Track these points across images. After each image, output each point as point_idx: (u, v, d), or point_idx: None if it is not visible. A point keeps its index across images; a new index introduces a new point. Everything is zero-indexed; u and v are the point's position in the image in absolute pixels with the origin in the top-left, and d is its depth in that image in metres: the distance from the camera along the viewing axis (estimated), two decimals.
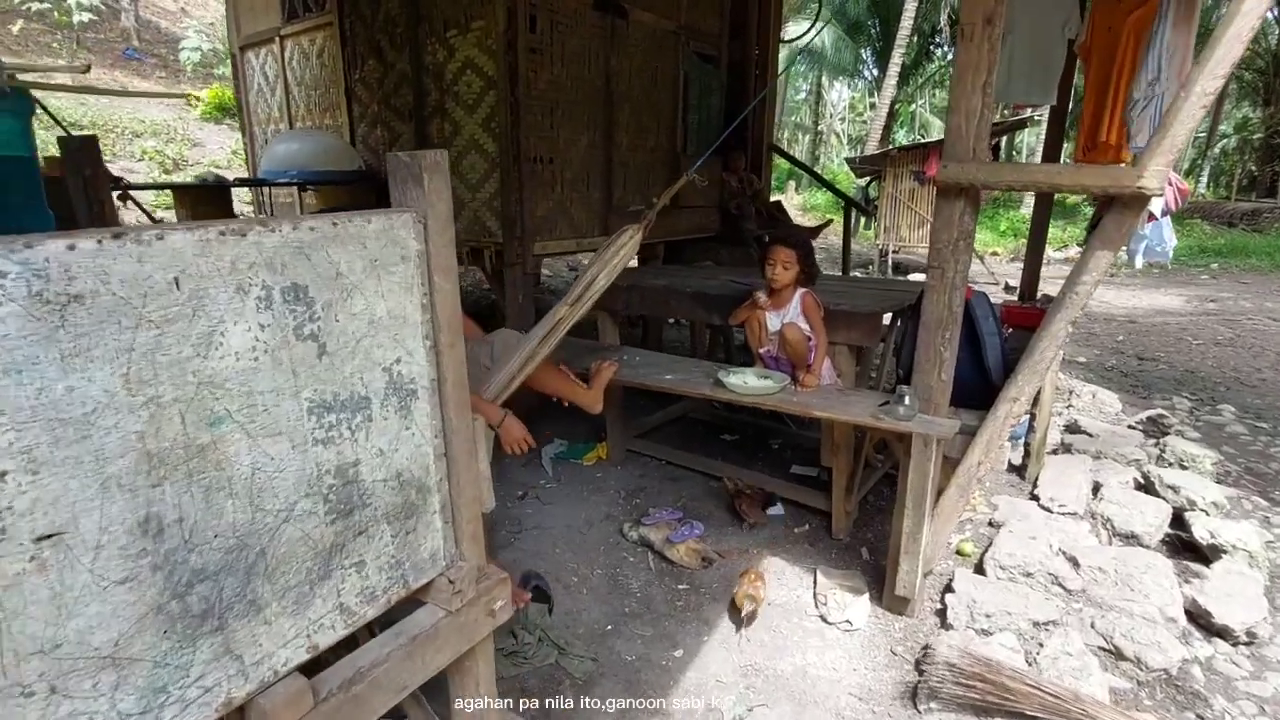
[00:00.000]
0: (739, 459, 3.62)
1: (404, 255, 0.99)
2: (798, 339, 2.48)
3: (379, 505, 1.02)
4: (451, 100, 3.41)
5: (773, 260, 2.60)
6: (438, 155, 1.05)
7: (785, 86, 24.71)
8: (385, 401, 1.00)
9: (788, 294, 2.64)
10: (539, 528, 2.94)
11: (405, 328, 1.01)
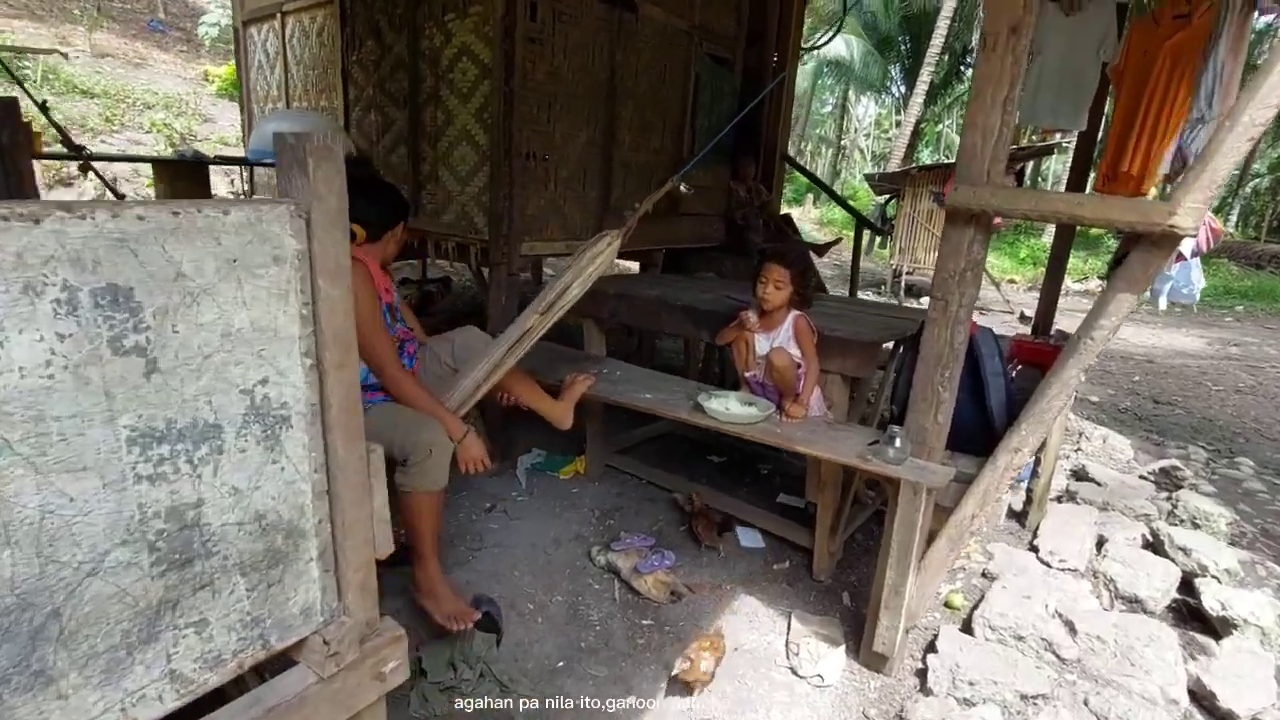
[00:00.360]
0: (724, 483, 3.44)
1: (277, 255, 0.82)
2: (785, 366, 2.29)
3: (231, 553, 0.85)
4: (446, 88, 3.25)
5: (764, 278, 2.42)
6: (329, 139, 0.89)
7: (811, 99, 24.49)
8: (244, 430, 0.83)
9: (780, 315, 2.46)
10: (501, 545, 2.76)
11: (276, 342, 0.84)
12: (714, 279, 4.13)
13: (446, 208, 3.42)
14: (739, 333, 2.48)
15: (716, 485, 3.32)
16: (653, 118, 3.97)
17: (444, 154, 3.34)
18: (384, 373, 2.04)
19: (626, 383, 2.74)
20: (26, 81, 7.45)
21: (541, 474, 3.45)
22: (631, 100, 3.76)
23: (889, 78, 20.17)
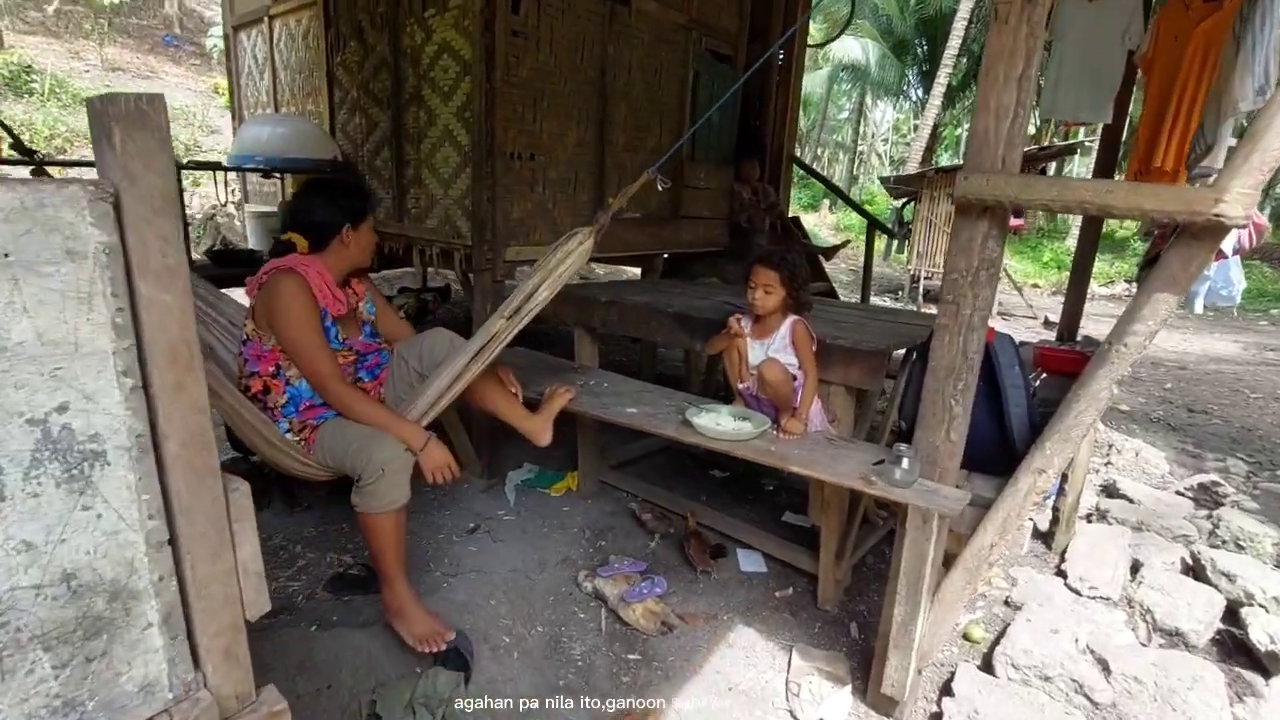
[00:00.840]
0: (725, 500, 3.23)
1: (72, 250, 0.65)
2: (778, 380, 2.09)
3: (26, 624, 0.67)
4: (428, 87, 3.10)
5: (753, 282, 2.22)
6: (150, 101, 0.71)
7: (826, 104, 24.25)
8: (35, 470, 0.66)
9: (774, 321, 2.25)
10: (480, 570, 2.57)
11: (78, 360, 0.66)
12: (716, 284, 3.94)
13: (430, 212, 3.27)
14: (729, 340, 2.28)
15: (717, 503, 3.11)
16: (648, 117, 3.79)
17: (427, 156, 3.19)
18: (326, 391, 1.89)
19: (613, 395, 2.55)
20: (33, 94, 7.51)
21: (532, 491, 3.27)
22: (625, 99, 3.59)
23: (906, 81, 19.86)
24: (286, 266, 1.87)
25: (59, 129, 6.95)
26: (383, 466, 1.78)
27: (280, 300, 1.82)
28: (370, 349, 2.13)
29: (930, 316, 3.06)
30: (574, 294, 3.07)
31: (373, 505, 1.83)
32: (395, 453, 1.82)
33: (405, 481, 1.86)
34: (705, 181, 4.33)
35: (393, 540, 1.90)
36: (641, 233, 3.87)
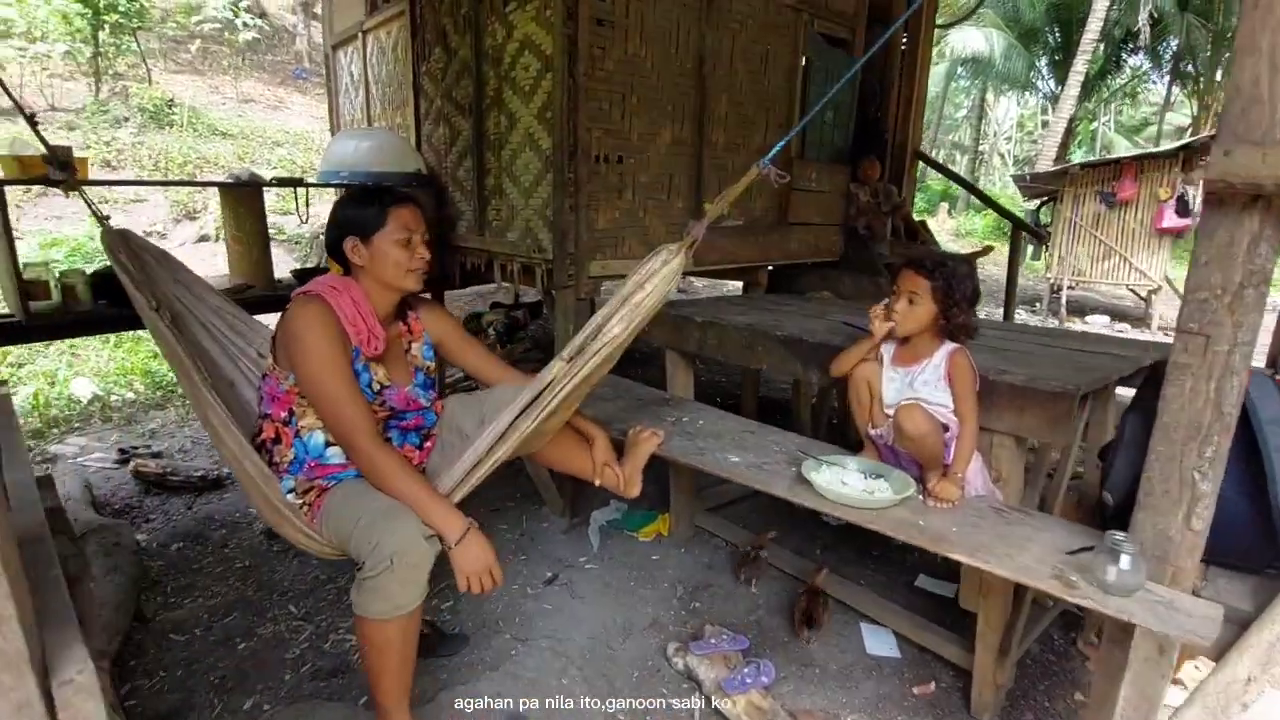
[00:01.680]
0: (846, 554, 2.71)
1: None
2: (921, 432, 1.59)
3: None
4: (509, 88, 2.84)
5: (897, 289, 1.74)
6: None
7: (943, 103, 22.68)
8: None
9: (924, 346, 1.75)
10: (554, 637, 2.22)
11: None
12: (830, 301, 3.43)
13: (511, 224, 3.00)
14: (861, 358, 1.80)
15: (835, 558, 2.61)
16: (753, 111, 3.36)
17: (507, 163, 2.93)
18: (353, 448, 1.50)
19: (711, 438, 2.13)
20: (173, 125, 8.12)
21: (618, 534, 2.89)
22: (726, 91, 3.18)
23: (1034, 72, 18.12)
24: (313, 292, 1.53)
25: (191, 156, 7.46)
26: (392, 556, 1.34)
27: (298, 331, 1.48)
28: (413, 406, 1.72)
29: (1133, 345, 2.42)
30: (665, 313, 2.68)
31: (371, 607, 1.38)
32: (412, 541, 1.37)
33: (420, 580, 1.39)
34: (817, 183, 3.83)
35: (394, 658, 1.44)
36: (744, 242, 3.43)
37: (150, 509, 3.07)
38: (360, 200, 1.61)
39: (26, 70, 7.86)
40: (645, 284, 1.51)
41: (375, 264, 1.58)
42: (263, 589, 2.47)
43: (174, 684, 1.99)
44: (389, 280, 1.60)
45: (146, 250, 2.08)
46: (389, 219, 1.57)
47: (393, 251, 1.57)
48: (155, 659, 2.10)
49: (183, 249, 6.20)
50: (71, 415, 3.92)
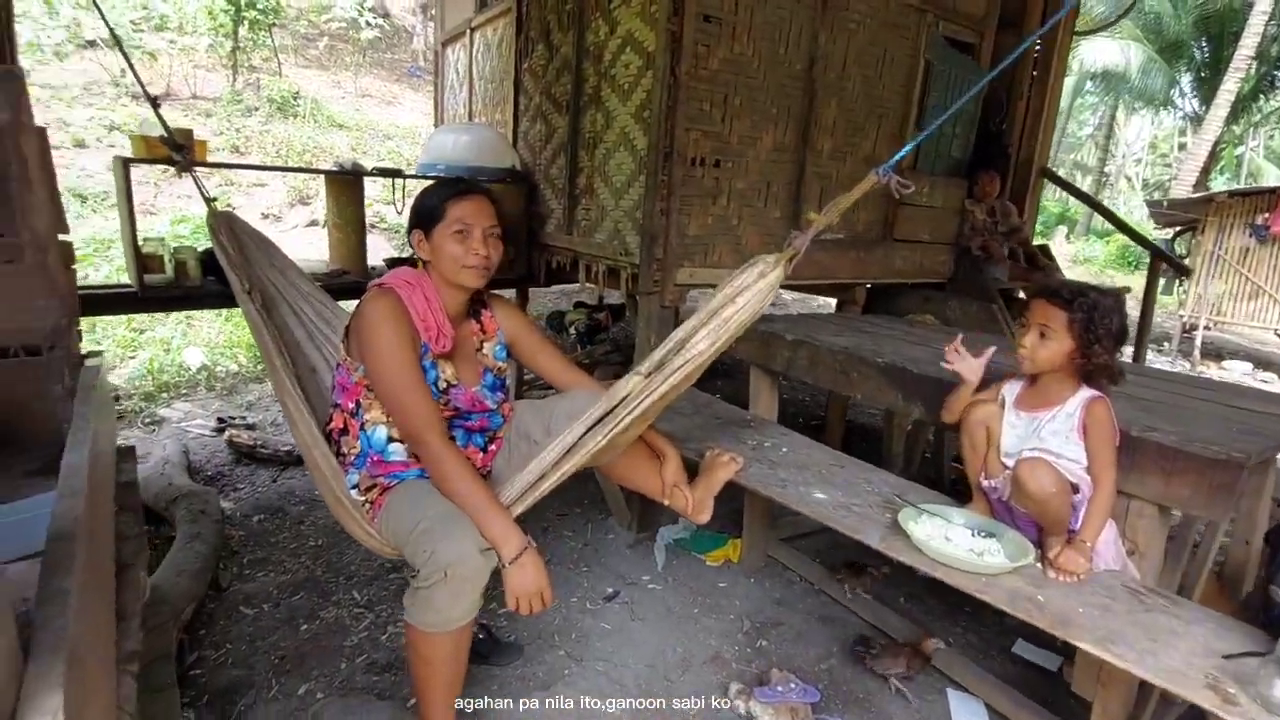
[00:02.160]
0: (933, 606, 2.46)
1: None
2: (1045, 493, 1.36)
3: None
4: (608, 86, 2.77)
5: (1026, 320, 1.52)
6: None
7: (1067, 118, 21.16)
8: None
9: (1055, 389, 1.52)
10: (609, 661, 2.11)
11: None
12: (935, 327, 3.15)
13: (600, 225, 2.92)
14: (978, 402, 1.59)
15: (921, 610, 2.38)
16: (864, 118, 3.14)
17: (600, 163, 2.85)
18: (419, 442, 1.45)
19: (794, 468, 1.96)
20: (297, 117, 8.64)
21: (685, 553, 2.76)
22: (837, 96, 2.98)
23: (1175, 90, 16.56)
24: (388, 284, 1.51)
25: (309, 145, 7.91)
26: (445, 568, 1.29)
27: (369, 324, 1.45)
28: (479, 407, 1.66)
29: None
30: (754, 327, 2.52)
31: (421, 617, 1.34)
32: (468, 554, 1.30)
33: (473, 595, 1.33)
34: (928, 197, 3.55)
35: (443, 671, 1.39)
36: (843, 257, 3.21)
37: (239, 478, 3.20)
38: (429, 193, 1.58)
39: (175, 61, 8.58)
40: (737, 298, 1.38)
41: (435, 258, 1.54)
42: (331, 570, 2.49)
43: (237, 659, 2.02)
44: (446, 275, 1.54)
45: (247, 233, 2.14)
46: (447, 211, 1.51)
47: (447, 245, 1.51)
48: (224, 630, 2.14)
49: (294, 231, 6.55)
50: (181, 381, 4.18)
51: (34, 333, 1.37)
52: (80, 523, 0.74)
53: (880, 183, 1.25)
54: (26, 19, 7.44)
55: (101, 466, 1.00)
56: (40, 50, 7.40)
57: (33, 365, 1.40)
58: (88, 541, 0.76)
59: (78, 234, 5.61)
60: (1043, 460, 1.42)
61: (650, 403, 1.40)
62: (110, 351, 4.37)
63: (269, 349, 1.75)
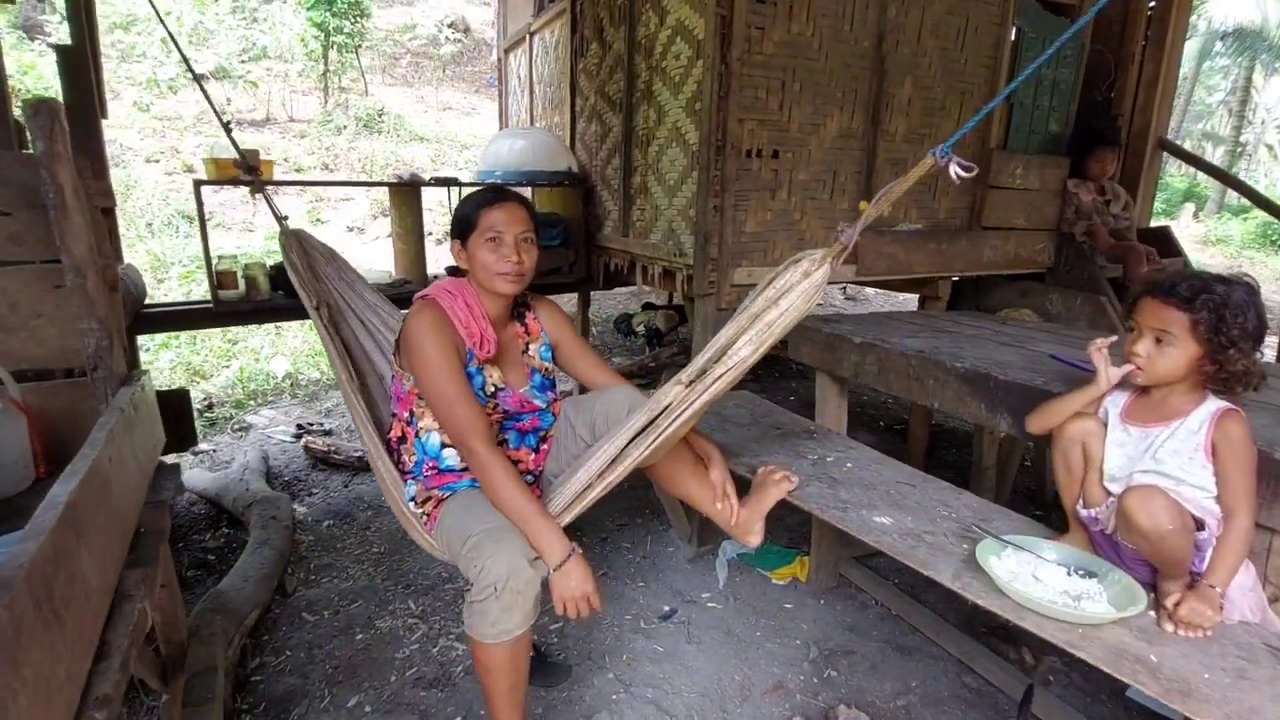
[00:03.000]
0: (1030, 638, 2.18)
1: None
2: (1161, 530, 1.12)
3: None
4: (659, 79, 2.64)
5: (1137, 323, 1.28)
6: None
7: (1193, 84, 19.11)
8: None
9: (1176, 400, 1.26)
10: (662, 686, 1.99)
11: None
12: (1033, 324, 2.82)
13: (654, 225, 2.80)
14: (1079, 413, 1.36)
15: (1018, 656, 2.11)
16: (943, 96, 2.86)
17: (654, 160, 2.73)
18: (467, 451, 1.47)
19: (859, 487, 1.76)
20: (381, 132, 9.04)
21: (749, 569, 2.60)
22: (911, 73, 2.72)
23: None
24: (430, 296, 1.54)
25: (391, 159, 8.25)
26: (496, 583, 1.30)
27: (414, 335, 1.49)
28: (528, 408, 1.67)
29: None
30: (819, 329, 2.33)
31: (478, 629, 1.35)
32: (517, 567, 1.32)
33: (525, 606, 1.34)
34: (1022, 179, 3.20)
35: (505, 681, 1.40)
36: (921, 249, 2.94)
37: (314, 483, 3.31)
38: (465, 202, 1.59)
39: (274, 87, 9.18)
40: (780, 300, 1.24)
41: (472, 266, 1.55)
42: (390, 578, 2.51)
43: (295, 667, 2.04)
44: (482, 282, 1.56)
45: (315, 248, 2.21)
46: (480, 220, 1.52)
47: (481, 253, 1.52)
48: (285, 637, 2.18)
49: (376, 243, 6.83)
50: (267, 389, 4.40)
51: (75, 354, 1.40)
52: (30, 570, 0.69)
53: (938, 165, 1.06)
54: (146, 58, 8.17)
55: (101, 493, 0.97)
56: (158, 85, 8.09)
57: (79, 386, 1.44)
58: (41, 587, 0.71)
59: (185, 253, 6.07)
60: (1157, 489, 1.17)
61: (692, 411, 1.35)
62: (207, 361, 4.67)
63: (335, 362, 1.87)
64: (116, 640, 0.89)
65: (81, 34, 2.46)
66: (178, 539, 2.74)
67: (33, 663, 0.66)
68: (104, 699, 0.80)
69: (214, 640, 1.73)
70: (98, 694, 0.81)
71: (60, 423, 1.46)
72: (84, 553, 0.86)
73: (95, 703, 0.79)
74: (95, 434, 1.08)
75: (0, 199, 1.36)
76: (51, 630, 0.71)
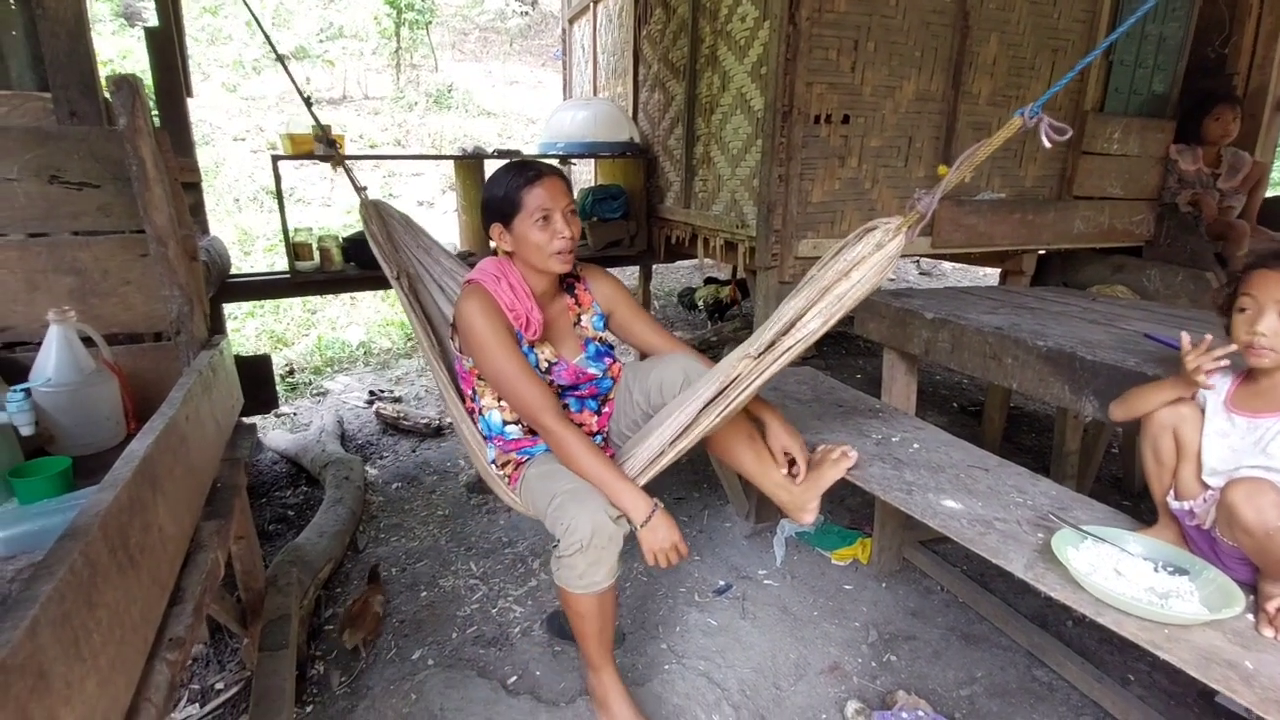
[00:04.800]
0: (1109, 635, 2.06)
1: None
2: (1267, 527, 1.02)
3: None
4: (724, 44, 2.55)
5: (1253, 296, 1.15)
6: None
7: None
8: None
9: None
10: (714, 660, 1.98)
11: None
12: (1127, 301, 2.61)
13: (717, 196, 2.73)
14: (1172, 399, 1.25)
15: (1093, 639, 2.00)
16: (1033, 54, 2.64)
17: (717, 129, 2.65)
18: (539, 426, 1.52)
19: (925, 469, 1.68)
20: (451, 108, 9.18)
21: (809, 548, 2.55)
22: (998, 30, 2.52)
23: None
24: (476, 281, 1.56)
25: (459, 135, 8.36)
26: (582, 539, 1.38)
27: (467, 322, 1.52)
28: (584, 379, 1.68)
29: None
30: (888, 303, 2.23)
31: (570, 582, 1.45)
32: (600, 523, 1.39)
33: (611, 559, 1.43)
34: (1120, 144, 2.95)
35: (594, 625, 1.51)
36: (1005, 220, 2.76)
37: (384, 447, 3.45)
38: (496, 182, 1.57)
39: (350, 66, 9.45)
40: (851, 272, 1.20)
41: (521, 248, 1.55)
42: (454, 539, 2.60)
43: None
44: (534, 264, 1.56)
45: (394, 218, 2.28)
46: (524, 200, 1.51)
47: (532, 234, 1.51)
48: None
49: (446, 216, 6.99)
50: (343, 357, 4.60)
51: (161, 319, 1.48)
52: (105, 517, 0.73)
53: (1027, 126, 0.97)
54: (232, 40, 8.55)
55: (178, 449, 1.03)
56: (243, 66, 8.47)
57: (165, 349, 1.53)
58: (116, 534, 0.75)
59: (269, 227, 6.39)
60: (1268, 483, 1.06)
61: (761, 382, 1.36)
62: (289, 330, 4.92)
63: (417, 329, 1.93)
64: (191, 586, 0.94)
65: (168, 16, 2.58)
66: (260, 495, 2.92)
67: (107, 603, 0.70)
68: (177, 640, 0.85)
69: (290, 590, 1.83)
70: (171, 635, 0.85)
71: (148, 382, 1.55)
72: (160, 503, 0.91)
73: (169, 644, 0.84)
74: (174, 394, 1.13)
75: (90, 172, 1.44)
76: (126, 574, 0.75)
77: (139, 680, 0.76)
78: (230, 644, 1.97)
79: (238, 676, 1.87)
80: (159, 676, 0.79)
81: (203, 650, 1.97)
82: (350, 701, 1.79)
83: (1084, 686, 1.82)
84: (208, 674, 1.91)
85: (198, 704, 1.81)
